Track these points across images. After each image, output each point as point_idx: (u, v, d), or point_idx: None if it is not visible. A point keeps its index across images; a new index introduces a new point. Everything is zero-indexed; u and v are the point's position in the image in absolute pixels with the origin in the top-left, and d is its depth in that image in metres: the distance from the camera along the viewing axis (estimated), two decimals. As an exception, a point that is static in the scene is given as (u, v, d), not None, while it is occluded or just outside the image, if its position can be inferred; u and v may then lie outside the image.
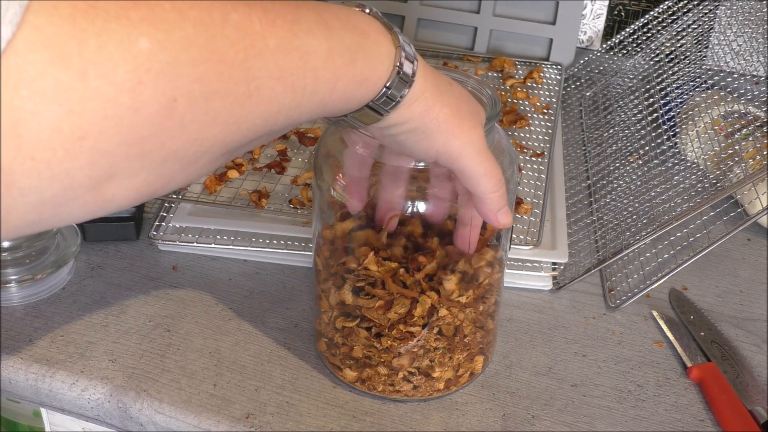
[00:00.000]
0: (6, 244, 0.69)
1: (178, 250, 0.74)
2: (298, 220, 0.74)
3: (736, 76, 0.95)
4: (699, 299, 0.72)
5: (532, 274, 0.72)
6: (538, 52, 1.05)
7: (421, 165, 0.51)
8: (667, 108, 0.90)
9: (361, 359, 0.58)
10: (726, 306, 0.72)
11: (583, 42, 1.08)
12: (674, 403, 0.62)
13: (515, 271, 0.72)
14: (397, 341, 0.57)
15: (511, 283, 0.72)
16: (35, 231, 0.33)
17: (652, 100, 0.93)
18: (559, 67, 1.02)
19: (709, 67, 0.97)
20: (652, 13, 1.01)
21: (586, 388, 0.62)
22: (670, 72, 0.96)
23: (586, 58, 1.05)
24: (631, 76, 1.00)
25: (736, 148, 0.79)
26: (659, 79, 0.95)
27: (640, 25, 1.02)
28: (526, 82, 0.98)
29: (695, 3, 0.98)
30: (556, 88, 0.98)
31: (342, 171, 0.53)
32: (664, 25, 1.00)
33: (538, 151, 0.85)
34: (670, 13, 1.00)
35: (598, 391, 0.62)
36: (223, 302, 0.69)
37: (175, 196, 0.76)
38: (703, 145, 0.84)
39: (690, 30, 0.97)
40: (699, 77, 0.93)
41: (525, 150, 0.86)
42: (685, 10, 0.98)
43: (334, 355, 0.60)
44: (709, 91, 0.90)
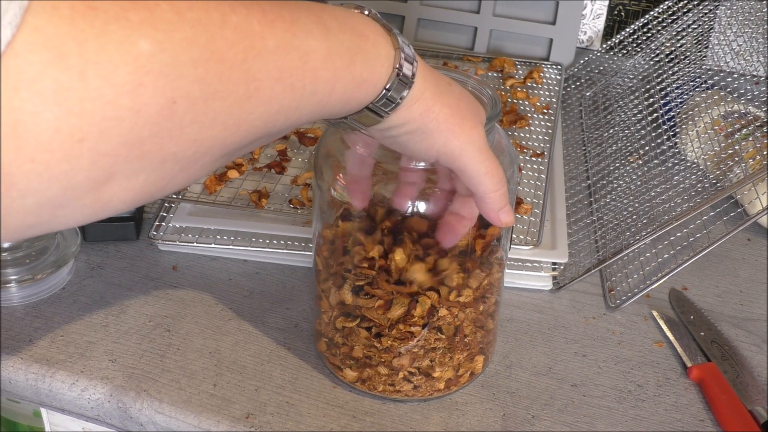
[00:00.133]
0: (6, 244, 0.69)
1: (178, 250, 0.74)
2: (298, 220, 0.74)
3: (736, 76, 0.95)
4: (699, 299, 0.72)
5: (532, 274, 0.72)
6: (538, 52, 1.05)
7: (422, 165, 0.51)
8: (667, 108, 0.90)
9: (361, 359, 0.58)
10: (726, 306, 0.72)
11: (583, 42, 1.08)
12: (674, 403, 0.62)
13: (515, 271, 0.72)
14: (397, 341, 0.57)
15: (511, 283, 0.72)
16: (34, 233, 0.33)
17: (652, 100, 0.93)
18: (559, 67, 1.02)
19: (709, 67, 0.97)
20: (652, 13, 1.01)
21: (586, 388, 0.62)
22: (670, 72, 0.96)
23: (586, 58, 1.05)
24: (631, 76, 1.00)
25: (736, 148, 0.79)
26: (659, 79, 0.95)
27: (640, 25, 1.02)
28: (526, 82, 0.98)
29: (695, 3, 0.98)
30: (556, 88, 0.98)
31: (342, 171, 0.53)
32: (664, 25, 1.00)
33: (538, 151, 0.85)
34: (670, 13, 1.00)
35: (598, 391, 0.62)
36: (223, 302, 0.69)
37: (175, 196, 0.76)
38: (703, 145, 0.84)
39: (690, 30, 0.97)
40: (699, 77, 0.93)
41: (525, 150, 0.86)
42: (685, 10, 0.98)
43: (335, 355, 0.60)
44: (709, 91, 0.90)
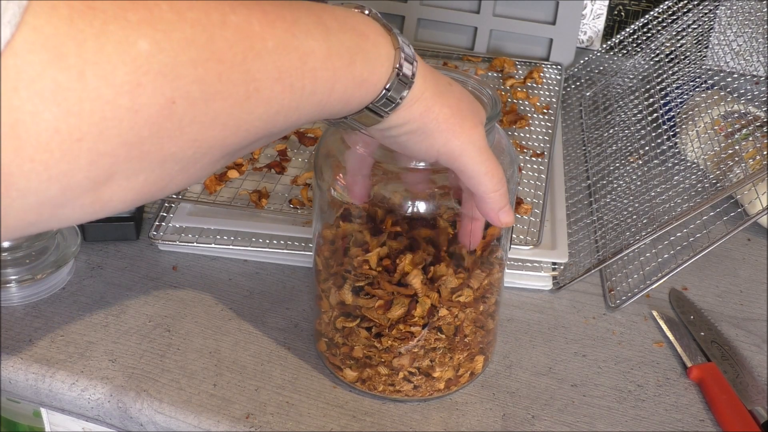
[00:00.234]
0: (6, 244, 0.69)
1: (178, 250, 0.74)
2: (298, 220, 0.74)
3: (736, 76, 0.95)
4: (699, 299, 0.72)
5: (532, 274, 0.72)
6: (538, 52, 1.05)
7: (422, 165, 0.51)
8: (667, 108, 0.90)
9: (361, 359, 0.58)
10: (726, 306, 0.72)
11: (583, 42, 1.08)
12: (674, 403, 0.62)
13: (515, 271, 0.72)
14: (397, 341, 0.57)
15: (511, 283, 0.72)
16: (33, 232, 0.33)
17: (652, 100, 0.93)
18: (559, 67, 1.02)
19: (709, 67, 0.97)
20: (652, 13, 1.01)
21: (586, 388, 0.62)
22: (670, 72, 0.96)
23: (586, 58, 1.05)
24: (631, 76, 1.00)
25: (736, 148, 0.79)
26: (659, 79, 0.95)
27: (640, 25, 1.02)
28: (526, 82, 0.98)
29: (695, 3, 0.98)
30: (556, 88, 0.98)
31: (342, 171, 0.53)
32: (664, 25, 1.00)
33: (538, 151, 0.85)
34: (670, 13, 1.00)
35: (598, 391, 0.62)
36: (223, 302, 0.69)
37: (175, 196, 0.76)
38: (703, 145, 0.84)
39: (690, 30, 0.97)
40: (699, 77, 0.93)
41: (525, 150, 0.86)
42: (685, 10, 0.98)
43: (335, 355, 0.60)
44: (709, 91, 0.90)
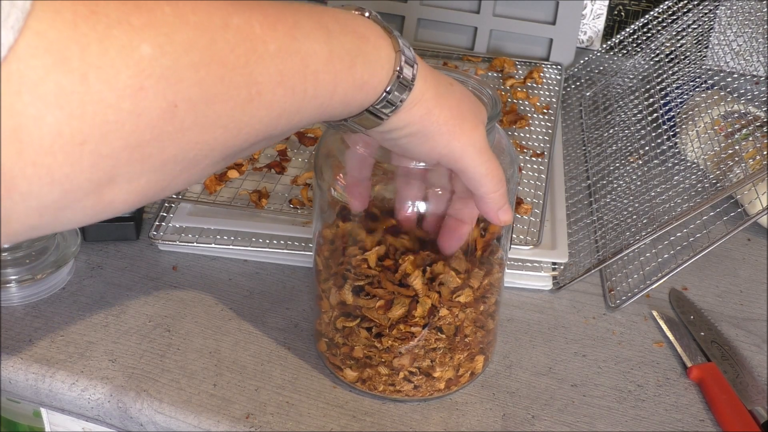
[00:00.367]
0: (12, 242, 0.69)
1: (178, 250, 0.74)
2: (298, 220, 0.74)
3: (736, 76, 0.95)
4: (699, 299, 0.72)
5: (532, 274, 0.72)
6: (538, 52, 1.05)
7: (422, 165, 0.51)
8: (667, 108, 0.90)
9: (361, 359, 0.58)
10: (726, 306, 0.72)
11: (583, 42, 1.08)
12: (674, 403, 0.62)
13: (515, 271, 0.72)
14: (397, 341, 0.57)
15: (511, 283, 0.72)
16: (36, 235, 0.33)
17: (652, 100, 0.93)
18: (559, 67, 1.02)
19: (709, 67, 0.97)
20: (652, 13, 1.01)
21: (586, 388, 0.62)
22: (670, 72, 0.96)
23: (586, 58, 1.05)
24: (631, 76, 1.00)
25: (736, 148, 0.79)
26: (659, 79, 0.95)
27: (640, 25, 1.02)
28: (526, 82, 0.98)
29: (695, 3, 0.98)
30: (556, 88, 0.98)
31: (342, 171, 0.53)
32: (664, 25, 1.00)
33: (538, 151, 0.85)
34: (670, 13, 1.00)
35: (598, 391, 0.62)
36: (223, 302, 0.69)
37: (175, 196, 0.76)
38: (703, 145, 0.84)
39: (690, 30, 0.97)
40: (699, 77, 0.93)
41: (525, 150, 0.86)
42: (685, 10, 0.98)
43: (335, 355, 0.60)
44: (709, 91, 0.90)
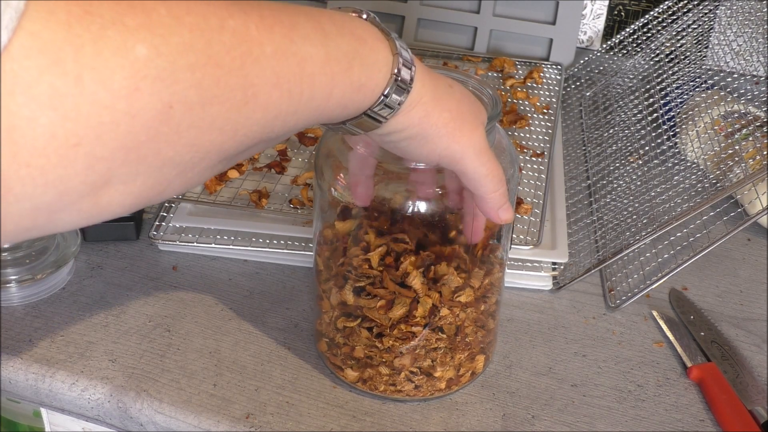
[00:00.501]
0: (6, 244, 0.69)
1: (178, 250, 0.74)
2: (298, 220, 0.74)
3: (736, 76, 0.95)
4: (699, 299, 0.72)
5: (532, 274, 0.72)
6: (538, 52, 1.05)
7: (421, 165, 0.51)
8: (667, 108, 0.90)
9: (362, 359, 0.58)
10: (726, 306, 0.72)
11: (583, 42, 1.08)
12: (674, 403, 0.62)
13: (515, 271, 0.72)
14: (398, 341, 0.57)
15: (511, 283, 0.72)
16: (31, 237, 0.33)
17: (652, 100, 0.93)
18: (559, 67, 1.02)
19: (709, 67, 0.97)
20: (652, 13, 1.01)
21: (586, 388, 0.62)
22: (670, 72, 0.96)
23: (586, 58, 1.05)
24: (631, 76, 1.00)
25: (736, 148, 0.79)
26: (659, 79, 0.95)
27: (640, 25, 1.02)
28: (526, 82, 0.98)
29: (695, 3, 0.98)
30: (556, 88, 0.98)
31: (343, 171, 0.53)
32: (664, 25, 1.00)
33: (538, 151, 0.85)
34: (670, 13, 1.00)
35: (598, 391, 0.62)
36: (223, 302, 0.69)
37: (175, 196, 0.76)
38: (703, 145, 0.84)
39: (690, 30, 0.97)
40: (699, 77, 0.93)
41: (525, 150, 0.86)
42: (685, 10, 0.98)
43: (336, 355, 0.60)
44: (709, 91, 0.90)
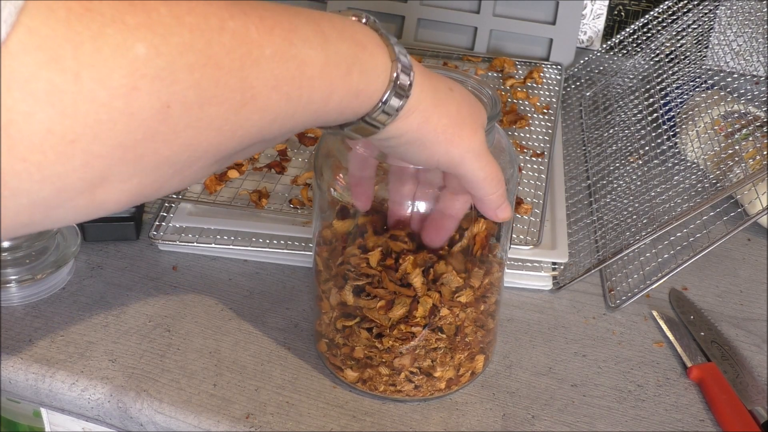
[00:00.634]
0: (6, 244, 0.69)
1: (178, 250, 0.74)
2: (298, 220, 0.74)
3: (736, 76, 0.95)
4: (699, 299, 0.72)
5: (532, 274, 0.72)
6: (538, 52, 1.05)
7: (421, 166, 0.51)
8: (667, 108, 0.90)
9: (362, 359, 0.58)
10: (726, 306, 0.72)
11: (583, 42, 1.08)
12: (674, 403, 0.62)
13: (515, 271, 0.72)
14: (398, 341, 0.57)
15: (511, 283, 0.72)
16: (27, 232, 0.33)
17: (652, 100, 0.93)
18: (559, 67, 1.02)
19: (709, 67, 0.97)
20: (652, 13, 1.01)
21: (586, 388, 0.62)
22: (670, 72, 0.96)
23: (586, 58, 1.05)
24: (631, 76, 1.00)
25: (736, 148, 0.79)
26: (659, 79, 0.95)
27: (640, 25, 1.02)
28: (526, 82, 0.98)
29: (695, 3, 0.98)
30: (556, 88, 0.98)
31: (342, 171, 0.53)
32: (664, 25, 1.00)
33: (538, 151, 0.85)
34: (670, 13, 1.00)
35: (598, 391, 0.62)
36: (223, 302, 0.69)
37: (175, 196, 0.76)
38: (703, 145, 0.84)
39: (690, 30, 0.97)
40: (699, 77, 0.93)
41: (525, 150, 0.86)
42: (685, 10, 0.98)
43: (335, 355, 0.60)
44: (709, 91, 0.90)
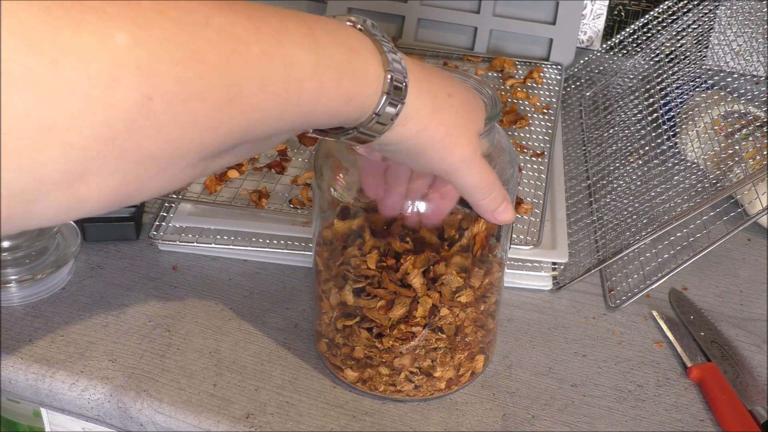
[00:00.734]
0: (6, 244, 0.69)
1: (178, 250, 0.74)
2: (298, 220, 0.74)
3: (736, 76, 0.95)
4: (699, 299, 0.72)
5: (532, 274, 0.72)
6: (538, 52, 1.05)
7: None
8: (667, 108, 0.90)
9: (362, 359, 0.58)
10: (726, 306, 0.72)
11: (583, 42, 1.08)
12: (674, 403, 0.62)
13: (515, 271, 0.72)
14: (398, 341, 0.57)
15: (511, 283, 0.72)
16: (8, 230, 0.32)
17: (652, 100, 0.93)
18: (559, 67, 1.02)
19: (709, 67, 0.97)
20: (652, 13, 1.01)
21: (586, 388, 0.62)
22: (670, 72, 0.96)
23: (586, 58, 1.05)
24: (631, 76, 1.00)
25: (736, 148, 0.79)
26: (659, 79, 0.95)
27: (640, 25, 1.02)
28: (526, 82, 0.98)
29: (695, 3, 0.98)
30: (556, 88, 0.98)
31: (342, 171, 0.53)
32: (664, 25, 1.00)
33: (538, 151, 0.85)
34: (670, 13, 1.00)
35: (598, 391, 0.62)
36: (223, 302, 0.69)
37: (175, 196, 0.76)
38: (703, 145, 0.84)
39: (690, 30, 0.97)
40: (699, 77, 0.93)
41: (525, 150, 0.86)
42: (685, 10, 0.98)
43: (335, 355, 0.60)
44: (709, 91, 0.90)
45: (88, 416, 0.62)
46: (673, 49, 0.99)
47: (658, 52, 1.00)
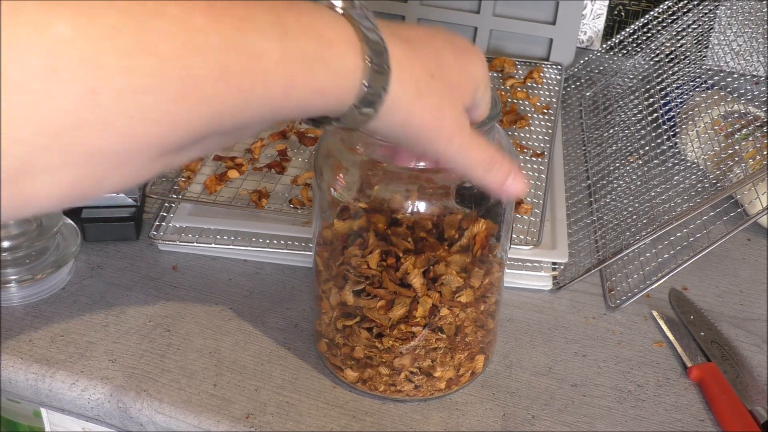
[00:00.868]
0: (6, 244, 0.69)
1: (178, 250, 0.74)
2: (298, 220, 0.74)
3: (736, 76, 0.95)
4: (699, 299, 0.72)
5: (532, 274, 0.72)
6: (538, 52, 1.05)
7: (422, 164, 0.51)
8: (667, 108, 0.90)
9: (362, 359, 0.58)
10: (726, 306, 0.72)
11: (583, 42, 1.08)
12: (674, 403, 0.62)
13: (515, 271, 0.72)
14: (398, 341, 0.57)
15: (511, 283, 0.72)
16: None
17: (652, 100, 0.93)
18: (559, 67, 1.02)
19: (709, 67, 0.97)
20: (652, 13, 1.01)
21: (586, 388, 0.62)
22: (670, 72, 0.96)
23: (586, 58, 1.05)
24: (631, 76, 1.00)
25: (736, 148, 0.79)
26: (659, 79, 0.95)
27: (640, 25, 1.02)
28: (526, 82, 0.98)
29: (695, 3, 0.98)
30: (556, 88, 0.98)
31: (342, 171, 0.53)
32: (664, 25, 1.00)
33: (538, 151, 0.85)
34: (670, 13, 1.00)
35: (598, 391, 0.62)
36: (223, 302, 0.69)
37: (175, 196, 0.76)
38: (703, 145, 0.84)
39: (690, 30, 0.97)
40: (699, 77, 0.93)
41: (525, 150, 0.86)
42: (685, 10, 0.98)
43: (335, 355, 0.60)
44: (709, 91, 0.90)
45: (88, 416, 0.62)
46: (673, 49, 0.99)
47: (658, 52, 1.00)
